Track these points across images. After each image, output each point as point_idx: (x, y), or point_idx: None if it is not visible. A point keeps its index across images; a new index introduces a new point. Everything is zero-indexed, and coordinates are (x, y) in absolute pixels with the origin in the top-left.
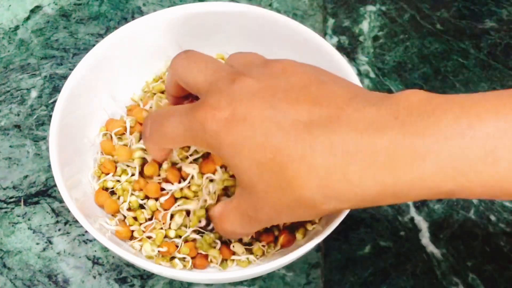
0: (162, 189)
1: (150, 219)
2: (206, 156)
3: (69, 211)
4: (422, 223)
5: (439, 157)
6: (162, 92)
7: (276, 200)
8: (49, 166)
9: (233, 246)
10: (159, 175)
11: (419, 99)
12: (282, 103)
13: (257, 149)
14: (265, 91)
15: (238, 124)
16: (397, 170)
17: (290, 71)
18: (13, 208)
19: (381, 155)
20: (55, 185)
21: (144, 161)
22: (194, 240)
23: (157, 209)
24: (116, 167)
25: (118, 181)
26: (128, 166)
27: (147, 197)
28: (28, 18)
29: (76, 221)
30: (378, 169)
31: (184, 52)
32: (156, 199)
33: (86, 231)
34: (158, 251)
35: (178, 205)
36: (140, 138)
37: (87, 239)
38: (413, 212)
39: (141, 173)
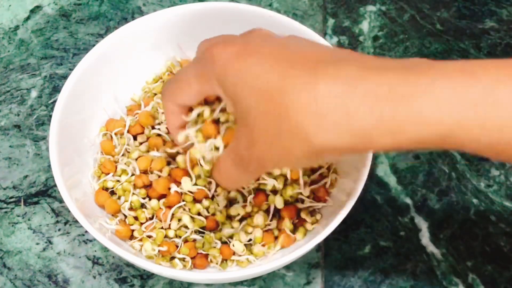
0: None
1: (151, 218)
2: None
3: (69, 211)
4: (422, 223)
5: (441, 93)
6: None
7: (270, 129)
8: (49, 166)
9: (233, 245)
10: (161, 171)
11: (424, 61)
12: (293, 46)
13: (262, 75)
14: (278, 37)
15: (248, 56)
16: (397, 103)
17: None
18: (13, 208)
19: (383, 89)
20: (55, 185)
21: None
22: (194, 240)
23: (160, 208)
24: (116, 167)
25: (118, 181)
26: (128, 165)
27: (148, 197)
28: (28, 18)
29: (76, 221)
30: (378, 101)
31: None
32: (159, 199)
33: (86, 231)
34: (159, 251)
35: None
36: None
37: (87, 239)
38: (413, 212)
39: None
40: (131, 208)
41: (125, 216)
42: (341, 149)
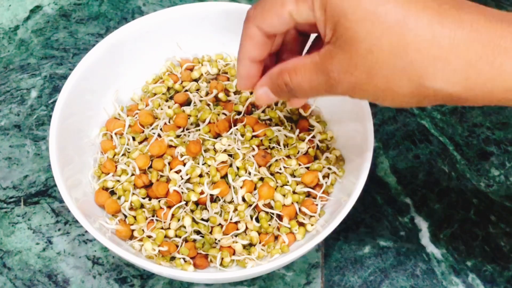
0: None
1: (151, 218)
2: None
3: (69, 211)
4: (422, 223)
5: None
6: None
7: (378, 62)
8: (49, 166)
9: (234, 244)
10: (162, 171)
11: None
12: None
13: (380, 4)
14: None
15: None
16: None
17: None
18: (13, 208)
19: (506, 41)
20: (55, 185)
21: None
22: (194, 240)
23: (160, 207)
24: (116, 167)
25: (118, 181)
26: (128, 165)
27: (148, 196)
28: (28, 18)
29: (76, 221)
30: (500, 54)
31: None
32: (159, 199)
33: (86, 231)
34: (159, 251)
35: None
36: (135, 139)
37: (87, 239)
38: (413, 212)
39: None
40: (131, 208)
41: (125, 216)
42: (450, 97)
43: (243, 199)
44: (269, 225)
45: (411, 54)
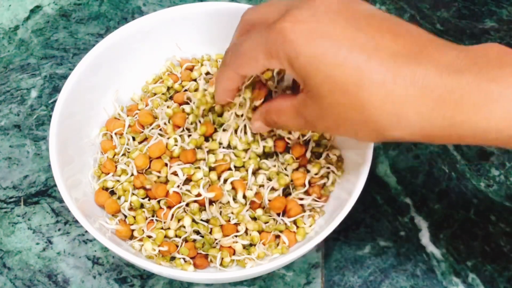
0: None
1: (151, 218)
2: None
3: (69, 211)
4: (422, 223)
5: (510, 102)
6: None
7: (341, 115)
8: (49, 166)
9: (235, 243)
10: (159, 172)
11: (497, 51)
12: (366, 27)
13: (336, 67)
14: (347, 11)
15: (320, 38)
16: (468, 110)
17: (365, 3)
18: (13, 208)
19: (455, 95)
20: (55, 185)
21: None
22: (194, 240)
23: (160, 208)
24: (116, 167)
25: (118, 181)
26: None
27: (148, 196)
28: (28, 18)
29: (76, 221)
30: (450, 107)
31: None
32: (159, 201)
33: (86, 231)
34: (159, 251)
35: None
36: (135, 139)
37: (87, 239)
38: (413, 212)
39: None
40: (130, 208)
41: (125, 216)
42: (407, 140)
43: (244, 196)
44: (269, 225)
45: (368, 110)
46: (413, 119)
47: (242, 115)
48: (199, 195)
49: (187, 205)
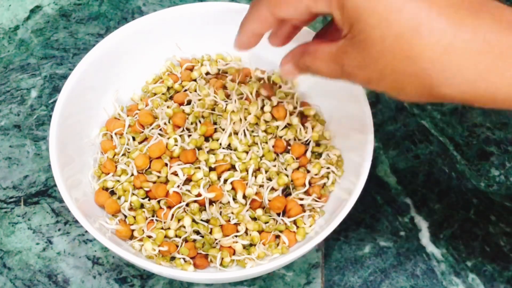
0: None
1: (151, 218)
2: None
3: (69, 211)
4: (422, 223)
5: None
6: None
7: (389, 66)
8: (49, 166)
9: (235, 243)
10: (160, 172)
11: None
12: None
13: (394, 11)
14: None
15: None
16: None
17: None
18: (13, 208)
19: None
20: (55, 185)
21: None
22: (194, 240)
23: (160, 208)
24: (116, 167)
25: (118, 181)
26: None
27: (148, 197)
28: (28, 18)
29: (76, 221)
30: (509, 65)
31: None
32: (159, 201)
33: (86, 231)
34: (159, 251)
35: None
36: (135, 139)
37: (87, 239)
38: (413, 212)
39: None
40: (131, 208)
41: (125, 216)
42: (457, 100)
43: (244, 196)
44: (269, 225)
45: (422, 62)
46: (469, 75)
47: (241, 119)
48: (199, 195)
49: (187, 205)
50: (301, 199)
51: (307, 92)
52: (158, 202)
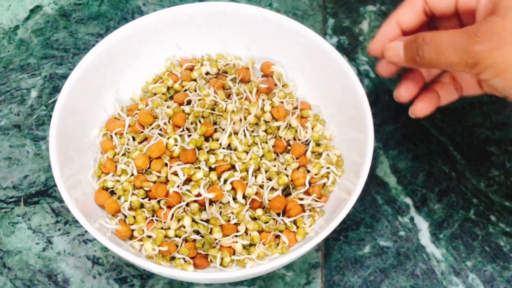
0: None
1: (151, 218)
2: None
3: (69, 211)
4: (422, 223)
5: None
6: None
7: None
8: (49, 166)
9: (234, 243)
10: (159, 172)
11: None
12: None
13: None
14: None
15: None
16: None
17: None
18: (13, 208)
19: None
20: (55, 185)
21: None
22: (194, 240)
23: (160, 208)
24: (116, 167)
25: (118, 181)
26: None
27: (148, 196)
28: (28, 18)
29: (76, 221)
30: None
31: None
32: (159, 200)
33: (86, 231)
34: (159, 251)
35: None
36: (135, 139)
37: (87, 239)
38: (413, 212)
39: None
40: (131, 208)
41: (125, 216)
42: None
43: (244, 196)
44: (269, 225)
45: None
46: None
47: (241, 120)
48: (199, 195)
49: (187, 205)
50: (301, 199)
51: (307, 92)
52: (158, 202)
